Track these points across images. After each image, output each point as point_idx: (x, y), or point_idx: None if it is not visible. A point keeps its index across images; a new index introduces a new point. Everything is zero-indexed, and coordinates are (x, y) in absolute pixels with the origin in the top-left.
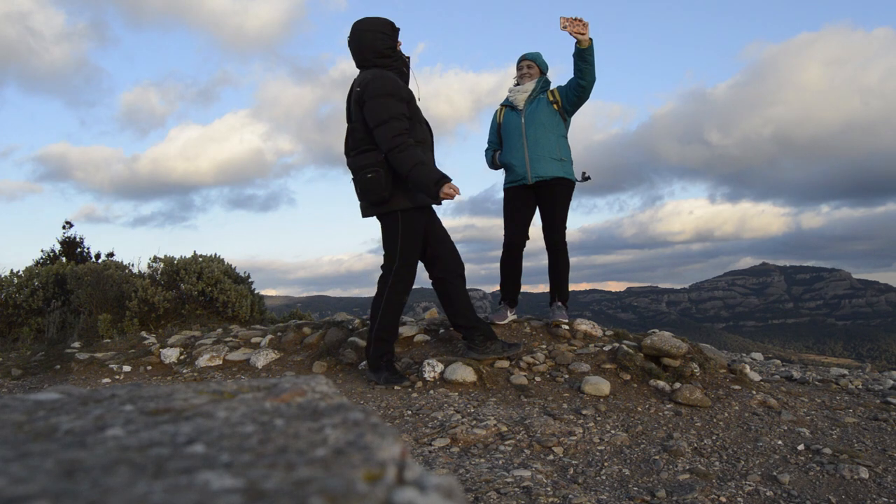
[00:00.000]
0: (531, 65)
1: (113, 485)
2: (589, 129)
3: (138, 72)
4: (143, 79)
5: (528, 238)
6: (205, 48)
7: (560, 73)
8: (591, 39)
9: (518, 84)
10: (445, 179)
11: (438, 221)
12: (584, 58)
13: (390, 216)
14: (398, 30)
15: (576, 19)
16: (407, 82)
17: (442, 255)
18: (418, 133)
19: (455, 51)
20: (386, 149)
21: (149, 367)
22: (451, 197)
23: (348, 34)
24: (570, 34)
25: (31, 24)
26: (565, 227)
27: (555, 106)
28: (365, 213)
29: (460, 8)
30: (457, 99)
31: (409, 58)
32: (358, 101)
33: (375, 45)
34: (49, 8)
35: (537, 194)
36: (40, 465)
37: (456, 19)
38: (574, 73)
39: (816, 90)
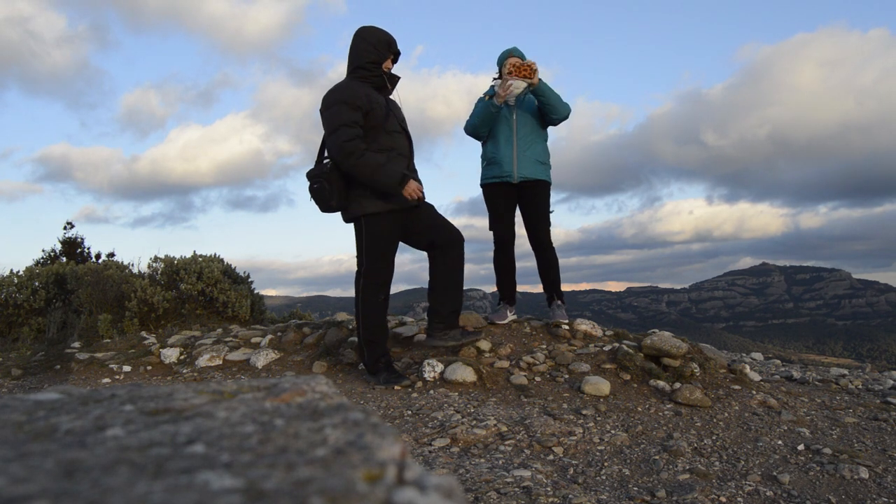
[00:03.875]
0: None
1: (113, 485)
2: (587, 130)
3: (139, 74)
4: (144, 80)
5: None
6: (204, 51)
7: (558, 74)
8: (539, 80)
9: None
10: (408, 177)
11: (426, 212)
12: (539, 98)
13: (357, 222)
14: (393, 49)
15: (522, 65)
16: (385, 96)
17: (438, 240)
18: (383, 141)
19: (453, 52)
20: (338, 157)
21: (149, 367)
22: (414, 197)
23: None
24: (518, 79)
25: (32, 27)
26: (550, 225)
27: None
28: (344, 219)
29: (459, 10)
30: (454, 100)
31: (398, 77)
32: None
33: (359, 55)
34: (50, 12)
35: (519, 193)
36: (40, 465)
37: (454, 21)
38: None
39: (812, 91)
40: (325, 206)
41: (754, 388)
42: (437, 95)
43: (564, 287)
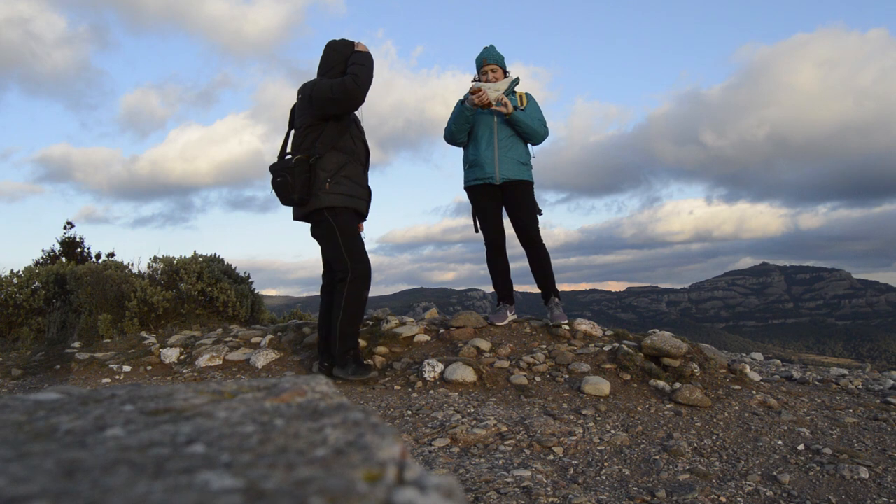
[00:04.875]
0: (496, 69)
1: (113, 485)
2: (586, 131)
3: (139, 75)
4: (144, 81)
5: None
6: (204, 52)
7: (557, 75)
8: (514, 111)
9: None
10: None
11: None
12: (514, 127)
13: (321, 218)
14: None
15: (480, 96)
16: None
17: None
18: (346, 143)
19: (453, 53)
20: (353, 92)
21: (149, 367)
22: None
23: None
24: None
25: (32, 28)
26: (538, 223)
27: (521, 108)
28: (295, 216)
29: (458, 10)
30: (454, 101)
31: None
32: (306, 100)
33: (331, 66)
34: (50, 13)
35: (503, 193)
36: (40, 465)
37: (454, 21)
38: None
39: (810, 91)
40: (287, 200)
41: (754, 388)
42: (436, 96)
43: (564, 287)
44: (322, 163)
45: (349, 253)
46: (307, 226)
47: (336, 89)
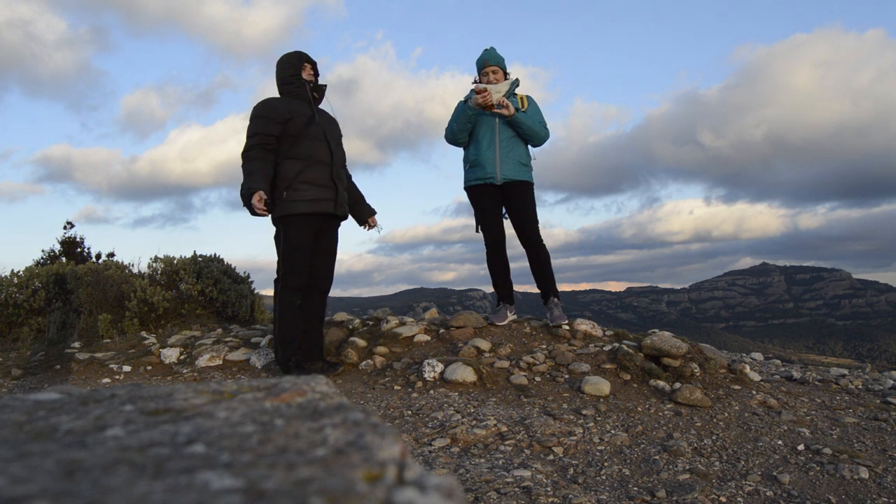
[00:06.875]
0: (496, 70)
1: (113, 485)
2: (585, 131)
3: (139, 76)
4: (145, 82)
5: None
6: (204, 53)
7: (556, 76)
8: (516, 112)
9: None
10: (253, 190)
11: (328, 245)
12: (515, 128)
13: (277, 223)
14: (306, 61)
15: (484, 96)
16: (310, 104)
17: (317, 281)
18: (303, 149)
19: (452, 53)
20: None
21: (149, 367)
22: (258, 211)
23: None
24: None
25: (32, 30)
26: (538, 223)
27: (522, 110)
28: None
29: (458, 11)
30: (453, 102)
31: (323, 86)
32: None
33: (281, 74)
34: (50, 15)
35: (504, 193)
36: (40, 465)
37: (453, 22)
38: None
39: (808, 92)
40: (252, 212)
41: (754, 388)
42: (434, 97)
43: (564, 287)
44: (279, 173)
45: (285, 263)
46: None
47: (242, 156)
